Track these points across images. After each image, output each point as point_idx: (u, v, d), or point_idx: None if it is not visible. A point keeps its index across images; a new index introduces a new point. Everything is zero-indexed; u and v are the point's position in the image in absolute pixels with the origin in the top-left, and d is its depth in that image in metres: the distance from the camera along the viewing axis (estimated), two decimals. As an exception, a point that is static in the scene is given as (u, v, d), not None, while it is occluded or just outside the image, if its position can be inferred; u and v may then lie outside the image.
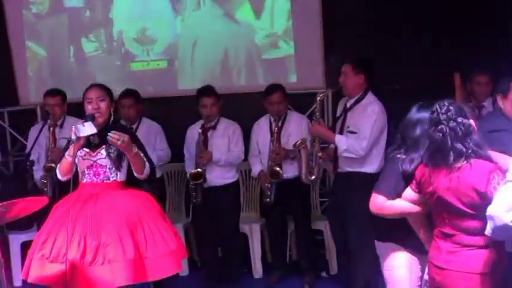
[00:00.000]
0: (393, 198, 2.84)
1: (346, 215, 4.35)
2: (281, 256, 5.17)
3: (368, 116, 4.28)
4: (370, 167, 4.31)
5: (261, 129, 5.04)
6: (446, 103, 2.59)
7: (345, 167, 4.37)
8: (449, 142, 2.54)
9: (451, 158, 2.54)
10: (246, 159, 5.08)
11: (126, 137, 3.38)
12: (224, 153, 4.87)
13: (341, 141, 4.28)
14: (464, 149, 2.53)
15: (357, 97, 4.38)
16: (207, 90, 4.88)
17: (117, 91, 4.70)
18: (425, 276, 2.86)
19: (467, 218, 2.54)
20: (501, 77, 3.42)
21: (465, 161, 2.52)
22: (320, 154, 4.41)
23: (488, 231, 2.37)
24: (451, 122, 2.56)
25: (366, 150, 4.24)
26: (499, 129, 3.14)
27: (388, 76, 5.19)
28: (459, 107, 2.62)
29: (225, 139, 4.92)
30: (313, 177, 4.45)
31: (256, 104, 5.15)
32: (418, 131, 2.81)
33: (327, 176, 5.42)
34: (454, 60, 5.00)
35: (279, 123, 4.84)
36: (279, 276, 5.03)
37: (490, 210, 2.32)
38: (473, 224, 2.54)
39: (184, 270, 4.86)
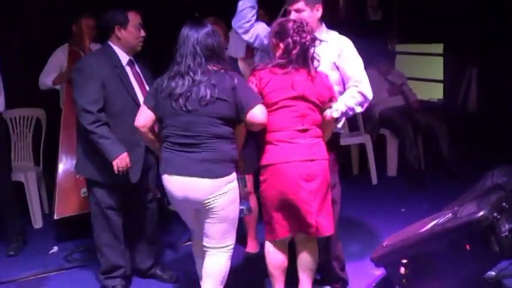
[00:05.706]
0: None
1: None
2: None
3: None
4: None
5: None
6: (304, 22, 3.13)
7: None
8: (312, 49, 3.11)
9: (313, 62, 3.11)
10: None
11: None
12: None
13: None
14: (317, 58, 3.14)
15: None
16: None
17: None
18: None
19: (317, 113, 3.13)
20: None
21: (315, 69, 3.13)
22: None
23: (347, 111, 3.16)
24: (311, 34, 3.12)
25: None
26: None
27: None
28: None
29: None
30: None
31: None
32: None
33: None
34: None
35: None
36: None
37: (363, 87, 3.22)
38: (319, 117, 3.15)
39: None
